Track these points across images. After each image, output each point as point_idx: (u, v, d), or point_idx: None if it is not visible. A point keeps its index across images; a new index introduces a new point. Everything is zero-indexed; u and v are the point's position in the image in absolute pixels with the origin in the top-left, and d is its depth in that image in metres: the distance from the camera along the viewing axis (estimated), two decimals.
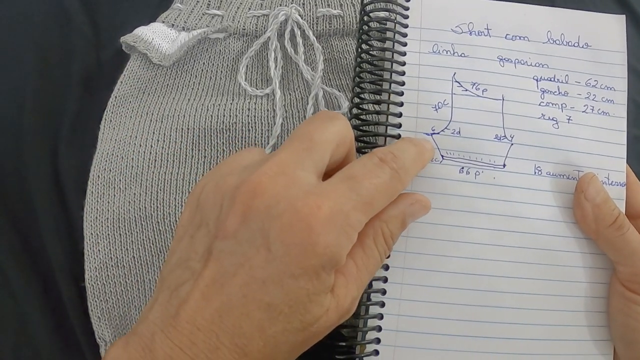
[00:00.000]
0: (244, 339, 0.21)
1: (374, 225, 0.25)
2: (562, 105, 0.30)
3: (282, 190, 0.22)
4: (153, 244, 0.33)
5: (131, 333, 0.22)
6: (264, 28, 0.37)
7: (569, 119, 0.30)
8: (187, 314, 0.21)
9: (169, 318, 0.22)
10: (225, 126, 0.35)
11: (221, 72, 0.37)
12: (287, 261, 0.21)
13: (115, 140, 0.35)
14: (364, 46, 0.31)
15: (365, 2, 0.31)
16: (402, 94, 0.29)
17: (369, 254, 0.24)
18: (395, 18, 0.30)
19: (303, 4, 0.38)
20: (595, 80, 0.30)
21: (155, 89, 0.37)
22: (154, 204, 0.34)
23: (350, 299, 0.23)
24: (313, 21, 0.37)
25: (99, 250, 0.33)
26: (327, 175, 0.24)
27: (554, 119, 0.30)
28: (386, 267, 0.28)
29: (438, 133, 0.29)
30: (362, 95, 0.30)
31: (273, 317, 0.21)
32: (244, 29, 0.37)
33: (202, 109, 0.36)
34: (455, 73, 0.30)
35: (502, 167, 0.29)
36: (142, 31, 0.37)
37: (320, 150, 0.23)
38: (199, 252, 0.23)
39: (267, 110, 0.36)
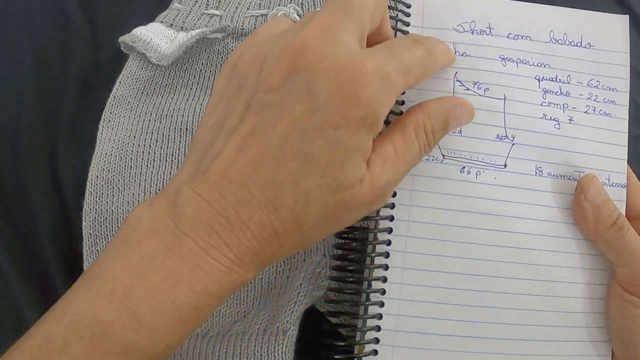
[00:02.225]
0: (276, 191, 0.21)
1: (417, 117, 0.25)
2: (563, 105, 0.30)
3: (329, 49, 0.22)
4: None
5: (158, 194, 0.22)
6: None
7: (570, 120, 0.30)
8: (219, 166, 0.21)
9: (199, 174, 0.21)
10: None
11: (220, 72, 0.37)
12: (331, 111, 0.21)
13: (114, 140, 0.35)
14: None
15: None
16: (403, 92, 0.29)
17: (408, 142, 0.24)
18: (397, 16, 0.30)
19: (301, 4, 0.37)
20: (597, 81, 0.30)
21: (154, 89, 0.37)
22: None
23: (385, 180, 0.23)
24: None
25: (97, 250, 0.33)
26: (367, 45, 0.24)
27: (556, 119, 0.30)
28: (385, 267, 0.28)
29: None
30: None
31: (309, 168, 0.21)
32: (243, 29, 0.37)
33: (200, 109, 0.36)
34: (457, 72, 0.29)
35: (503, 167, 0.29)
36: (140, 31, 0.37)
37: (360, 15, 0.23)
38: (237, 110, 0.23)
39: None
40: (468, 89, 0.29)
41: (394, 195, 0.28)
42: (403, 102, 0.28)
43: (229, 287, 0.21)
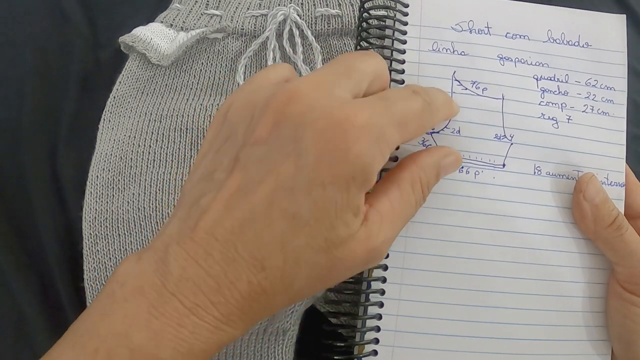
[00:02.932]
0: (264, 251, 0.20)
1: (412, 172, 0.24)
2: (562, 104, 0.30)
3: (319, 99, 0.21)
4: None
5: (145, 248, 0.22)
6: (263, 28, 0.37)
7: (568, 119, 0.30)
8: (206, 224, 0.21)
9: (187, 230, 0.21)
10: None
11: (220, 72, 0.37)
12: (318, 168, 0.20)
13: (114, 140, 0.35)
14: (363, 44, 0.31)
15: (364, 0, 0.31)
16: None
17: (405, 198, 0.24)
18: (395, 15, 0.30)
19: (301, 4, 0.38)
20: (595, 80, 0.30)
21: (154, 89, 0.37)
22: (152, 204, 0.33)
23: (383, 238, 0.22)
24: (312, 21, 0.37)
25: (97, 250, 0.33)
26: None
27: (554, 118, 0.30)
28: (385, 267, 0.28)
29: (438, 132, 0.29)
30: None
31: (297, 229, 0.20)
32: (243, 29, 0.37)
33: (200, 109, 0.36)
34: (455, 71, 0.29)
35: (501, 166, 0.29)
36: (140, 31, 0.37)
37: (358, 77, 0.23)
38: (224, 163, 0.22)
39: None
40: (466, 89, 0.29)
41: None
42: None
43: (215, 346, 0.21)
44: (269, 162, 0.21)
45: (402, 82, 0.29)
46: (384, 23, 0.31)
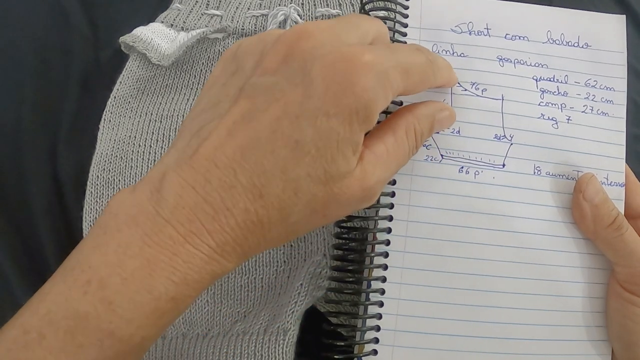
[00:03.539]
0: (263, 178, 0.20)
1: (407, 120, 0.25)
2: (561, 105, 0.30)
3: (329, 38, 0.22)
4: None
5: (141, 179, 0.22)
6: (263, 28, 0.37)
7: (568, 119, 0.30)
8: (207, 150, 0.20)
9: (185, 157, 0.21)
10: None
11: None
12: (325, 98, 0.21)
13: (115, 140, 0.35)
14: None
15: (364, 1, 0.31)
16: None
17: (399, 143, 0.24)
18: (395, 17, 0.30)
19: (302, 4, 0.38)
20: (594, 81, 0.30)
21: (154, 89, 0.37)
22: None
23: (377, 178, 0.23)
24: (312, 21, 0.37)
25: None
26: None
27: (554, 119, 0.30)
28: (385, 267, 0.28)
29: (437, 132, 0.29)
30: None
31: (299, 157, 0.21)
32: (243, 29, 0.37)
33: None
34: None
35: (501, 166, 0.29)
36: (141, 31, 0.37)
37: (363, 31, 0.23)
38: (230, 94, 0.22)
39: None
40: (466, 90, 0.29)
41: (393, 195, 0.28)
42: (401, 103, 0.28)
43: (208, 277, 0.21)
44: (276, 91, 0.21)
45: None
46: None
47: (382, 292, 0.27)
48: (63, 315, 0.19)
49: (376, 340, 0.27)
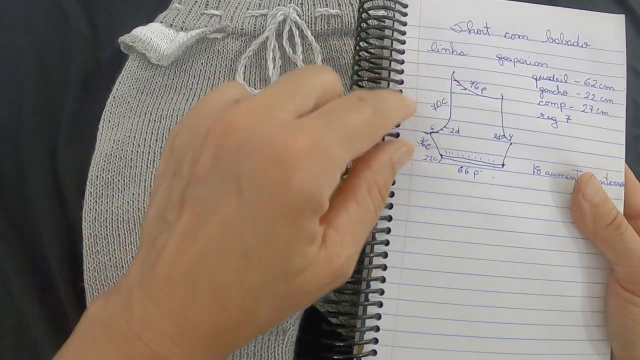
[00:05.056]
0: (222, 291, 0.20)
1: (366, 177, 0.23)
2: (561, 104, 0.30)
3: (255, 126, 0.20)
4: None
5: (112, 289, 0.22)
6: (262, 28, 0.37)
7: (567, 119, 0.30)
8: (163, 267, 0.20)
9: (147, 272, 0.21)
10: None
11: (219, 72, 0.37)
12: (260, 204, 0.19)
13: (114, 140, 0.35)
14: (362, 44, 0.31)
15: (363, 0, 0.31)
16: (400, 92, 0.29)
17: (363, 206, 0.23)
18: (394, 16, 0.30)
19: (301, 4, 0.38)
20: (594, 80, 0.30)
21: (154, 89, 0.37)
22: None
23: (345, 256, 0.22)
24: (311, 21, 0.37)
25: (97, 250, 0.33)
26: None
27: (553, 118, 0.30)
28: (384, 267, 0.28)
29: (437, 132, 0.29)
30: None
31: (249, 268, 0.20)
32: (242, 29, 0.37)
33: None
34: (454, 72, 0.30)
35: (501, 166, 0.29)
36: (140, 31, 0.37)
37: (304, 93, 0.22)
38: (173, 201, 0.22)
39: None
40: (465, 89, 0.29)
41: (392, 195, 0.28)
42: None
43: None
44: (212, 202, 0.20)
45: (401, 82, 0.29)
46: (383, 23, 0.31)
47: (381, 292, 0.27)
48: None
49: (375, 341, 0.27)
